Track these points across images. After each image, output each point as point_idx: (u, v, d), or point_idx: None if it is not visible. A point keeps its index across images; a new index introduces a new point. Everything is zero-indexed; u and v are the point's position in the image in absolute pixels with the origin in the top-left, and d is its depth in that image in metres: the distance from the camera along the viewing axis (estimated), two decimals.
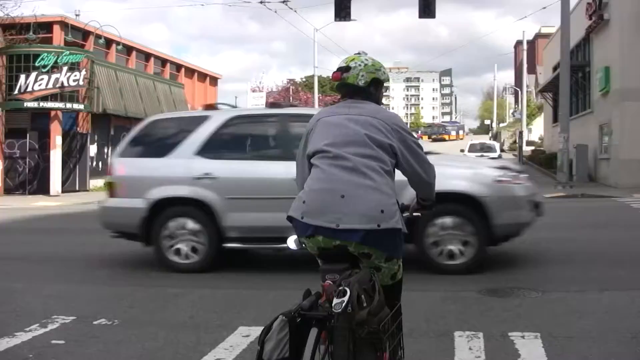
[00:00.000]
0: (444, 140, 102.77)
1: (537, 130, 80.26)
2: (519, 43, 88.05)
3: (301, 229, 4.28)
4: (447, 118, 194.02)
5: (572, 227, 16.59)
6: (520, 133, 60.65)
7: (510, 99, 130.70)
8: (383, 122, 4.46)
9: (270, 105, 12.60)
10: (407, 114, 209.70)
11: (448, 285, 9.38)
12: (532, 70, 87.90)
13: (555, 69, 44.87)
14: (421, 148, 4.60)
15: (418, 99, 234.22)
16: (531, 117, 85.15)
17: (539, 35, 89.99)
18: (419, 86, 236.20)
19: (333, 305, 3.76)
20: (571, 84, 35.48)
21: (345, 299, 3.73)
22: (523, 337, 6.87)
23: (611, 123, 33.46)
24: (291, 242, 4.59)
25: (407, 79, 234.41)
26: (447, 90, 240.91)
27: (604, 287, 9.15)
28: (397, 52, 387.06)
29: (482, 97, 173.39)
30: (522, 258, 11.77)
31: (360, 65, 4.61)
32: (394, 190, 4.35)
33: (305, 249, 4.39)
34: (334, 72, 4.69)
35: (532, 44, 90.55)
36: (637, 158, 31.27)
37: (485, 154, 42.03)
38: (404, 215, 4.68)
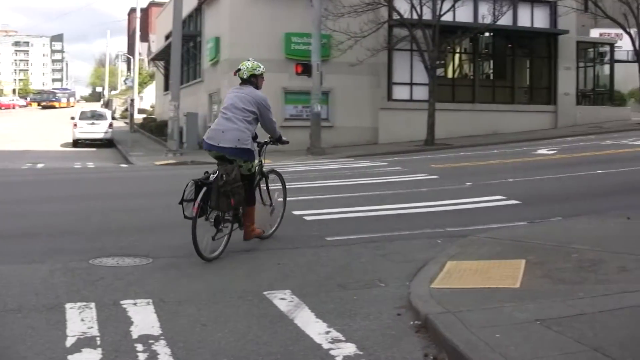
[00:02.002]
0: (54, 107, 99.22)
1: (149, 98, 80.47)
2: (132, 10, 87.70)
3: (204, 146, 9.24)
4: (57, 84, 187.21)
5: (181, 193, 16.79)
6: (132, 101, 60.45)
7: (122, 66, 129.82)
8: (252, 97, 9.24)
9: None
10: (15, 79, 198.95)
11: (57, 257, 8.97)
12: (145, 38, 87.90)
13: (167, 37, 45.22)
14: (269, 112, 9.43)
15: (27, 64, 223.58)
16: (143, 85, 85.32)
17: (152, 4, 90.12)
18: (28, 51, 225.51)
19: (210, 177, 8.67)
20: (183, 53, 35.96)
21: (214, 175, 8.65)
22: (135, 304, 6.81)
23: (220, 92, 34.42)
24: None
25: (16, 43, 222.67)
26: (58, 56, 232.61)
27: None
28: (6, 15, 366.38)
29: (95, 64, 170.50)
30: (133, 225, 11.68)
31: (244, 67, 9.42)
32: (251, 131, 9.13)
33: None
34: (234, 72, 9.61)
35: (145, 11, 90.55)
36: None
37: (96, 121, 41.35)
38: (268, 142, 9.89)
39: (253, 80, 9.37)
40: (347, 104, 33.75)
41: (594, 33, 54.15)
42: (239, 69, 9.43)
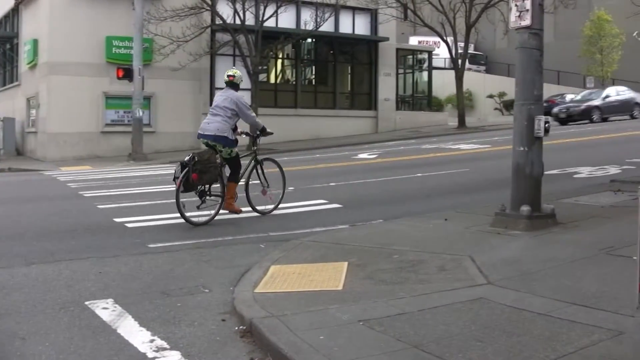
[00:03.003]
0: None
1: None
2: None
3: (198, 136, 11.87)
4: None
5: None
6: None
7: None
8: (231, 98, 11.70)
9: None
10: None
11: None
12: None
13: None
14: (248, 108, 12.10)
15: None
16: None
17: None
18: None
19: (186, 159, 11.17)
20: None
21: (188, 158, 11.11)
22: None
23: (39, 96, 33.35)
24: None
25: None
26: None
27: (31, 261, 9.02)
28: None
29: None
30: None
31: (235, 75, 11.94)
32: (229, 124, 11.61)
33: None
34: (227, 78, 12.12)
35: None
36: (64, 131, 31.67)
37: None
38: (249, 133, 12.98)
39: (236, 85, 12.05)
40: (170, 109, 33.49)
41: (413, 41, 56.25)
42: (228, 76, 12.14)
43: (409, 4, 39.50)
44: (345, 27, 38.97)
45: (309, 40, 38.38)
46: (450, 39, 39.83)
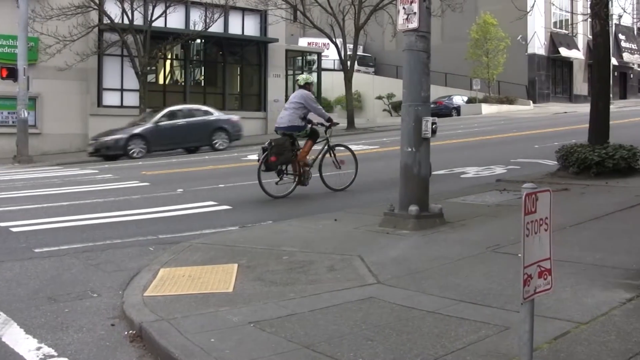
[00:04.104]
0: None
1: None
2: None
3: (275, 129, 14.36)
4: None
5: None
6: None
7: None
8: (301, 95, 14.08)
9: None
10: None
11: None
12: None
13: None
14: (314, 102, 14.45)
15: None
16: None
17: None
18: None
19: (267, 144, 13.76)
20: None
21: (266, 144, 13.68)
22: None
23: None
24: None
25: None
26: None
27: None
28: None
29: None
30: None
31: (300, 78, 14.77)
32: (299, 115, 13.98)
33: None
34: (296, 81, 17.14)
35: None
36: None
37: None
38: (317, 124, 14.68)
39: (306, 86, 14.37)
40: (56, 110, 32.78)
41: (303, 42, 56.48)
42: (298, 79, 14.75)
43: (298, 5, 39.69)
44: (235, 28, 38.88)
45: (198, 41, 38.12)
46: (339, 41, 40.18)
